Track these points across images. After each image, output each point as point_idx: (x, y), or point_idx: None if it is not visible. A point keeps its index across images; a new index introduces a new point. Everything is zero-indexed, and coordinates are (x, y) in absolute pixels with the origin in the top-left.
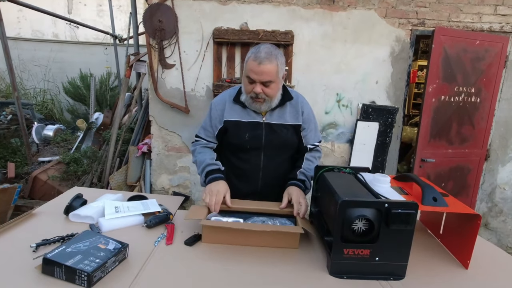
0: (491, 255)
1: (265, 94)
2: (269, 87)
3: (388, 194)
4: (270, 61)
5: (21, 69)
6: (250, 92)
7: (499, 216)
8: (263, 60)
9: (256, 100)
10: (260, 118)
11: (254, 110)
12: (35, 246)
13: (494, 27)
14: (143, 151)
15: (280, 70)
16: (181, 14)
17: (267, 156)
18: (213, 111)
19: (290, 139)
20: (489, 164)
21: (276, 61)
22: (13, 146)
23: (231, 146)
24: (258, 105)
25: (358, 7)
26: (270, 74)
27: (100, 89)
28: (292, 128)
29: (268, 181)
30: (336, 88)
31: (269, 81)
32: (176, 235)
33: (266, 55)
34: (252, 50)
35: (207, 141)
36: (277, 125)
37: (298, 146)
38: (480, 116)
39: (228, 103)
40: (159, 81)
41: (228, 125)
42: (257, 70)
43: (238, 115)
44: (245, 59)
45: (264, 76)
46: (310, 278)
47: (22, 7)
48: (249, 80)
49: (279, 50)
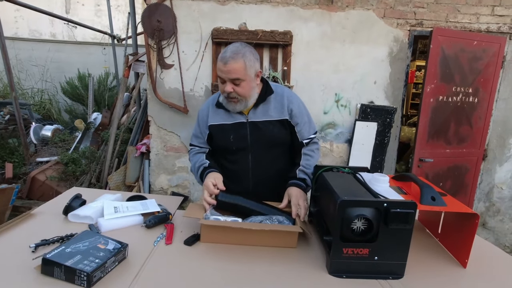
0: (489, 254)
1: (237, 93)
2: (239, 85)
3: (387, 194)
4: (235, 59)
5: (18, 69)
6: (223, 92)
7: (497, 216)
8: (228, 59)
9: (229, 99)
10: (243, 118)
11: (231, 110)
12: (34, 246)
13: (491, 27)
14: (141, 151)
15: (248, 67)
16: (179, 14)
17: (254, 155)
18: (199, 118)
19: (277, 135)
20: (487, 163)
21: (243, 59)
22: (11, 147)
23: (219, 149)
24: (232, 105)
25: (357, 7)
26: (237, 72)
27: (99, 89)
28: (278, 123)
29: (260, 180)
30: (334, 88)
31: (237, 79)
32: (176, 235)
33: (231, 54)
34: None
35: (200, 147)
36: (262, 122)
37: (289, 141)
38: (478, 116)
39: (212, 108)
40: (157, 81)
41: (213, 130)
42: (223, 69)
43: (221, 118)
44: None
45: (231, 74)
46: (309, 277)
47: (19, 7)
48: (221, 80)
49: (249, 47)
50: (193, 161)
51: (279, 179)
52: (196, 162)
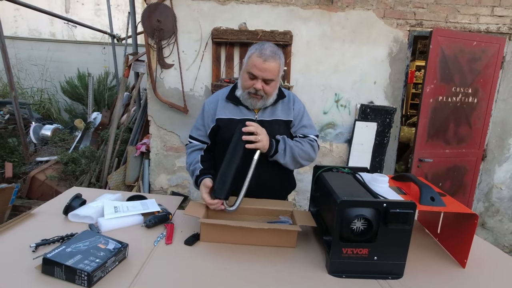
0: (488, 254)
1: (264, 91)
2: (269, 84)
3: (386, 194)
4: (274, 60)
5: (18, 69)
6: (249, 87)
7: (496, 216)
8: (269, 58)
9: (254, 96)
10: (252, 115)
11: (248, 106)
12: (35, 246)
13: (491, 28)
14: (141, 151)
15: (281, 69)
16: (179, 13)
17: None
18: (205, 110)
19: (281, 133)
20: (486, 164)
21: (280, 60)
22: (10, 146)
23: (224, 143)
24: (254, 101)
25: (357, 7)
26: (273, 72)
27: (98, 89)
28: (284, 123)
29: (262, 178)
30: (334, 88)
31: (271, 79)
32: (176, 235)
33: (271, 53)
34: (256, 46)
35: (199, 141)
36: (269, 121)
37: None
38: (477, 116)
39: (221, 101)
40: (157, 81)
41: (221, 123)
42: (261, 67)
43: (230, 112)
44: (248, 54)
45: (267, 74)
46: (309, 277)
47: (19, 6)
48: (250, 76)
49: (280, 50)
50: (189, 161)
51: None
52: (191, 165)
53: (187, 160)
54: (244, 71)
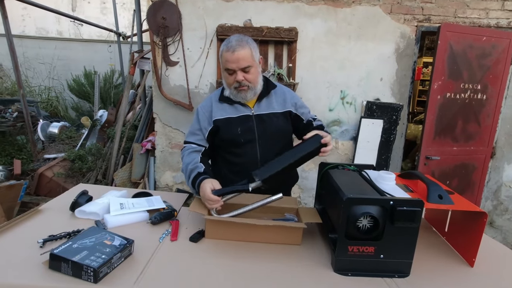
0: (497, 253)
1: (247, 80)
2: (249, 72)
3: (393, 192)
4: (242, 47)
5: (26, 67)
6: (232, 83)
7: (505, 214)
8: (236, 47)
9: (240, 89)
10: (249, 111)
11: (240, 101)
12: (42, 242)
13: (501, 23)
14: (147, 148)
15: (254, 53)
16: (184, 11)
17: (262, 146)
18: (200, 115)
19: (282, 126)
20: (495, 161)
21: (248, 45)
22: (19, 143)
23: (225, 143)
24: (243, 94)
25: (363, 3)
26: (246, 59)
27: (104, 87)
28: (282, 115)
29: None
30: (340, 85)
31: (248, 66)
32: (181, 232)
33: (237, 42)
34: (223, 43)
35: (196, 145)
36: (266, 114)
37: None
38: (486, 113)
39: (215, 104)
40: (162, 78)
41: (219, 123)
42: (232, 59)
43: (226, 112)
44: (219, 54)
45: (241, 62)
46: (314, 275)
47: (26, 5)
48: (229, 72)
49: (248, 36)
50: (186, 162)
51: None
52: (189, 164)
53: (184, 160)
54: (222, 70)
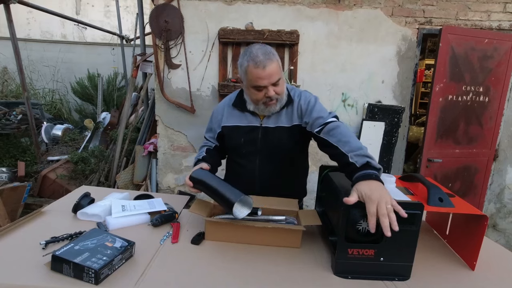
0: (499, 256)
1: (277, 93)
2: (278, 85)
3: (393, 194)
4: (271, 60)
5: (30, 70)
6: (261, 98)
7: (508, 217)
8: (266, 62)
9: (270, 103)
10: (258, 122)
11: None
12: (45, 243)
13: (503, 25)
14: (149, 151)
15: (280, 65)
16: (186, 14)
17: (262, 160)
18: (213, 116)
19: (285, 142)
20: (498, 164)
21: (275, 57)
22: (23, 145)
23: (229, 150)
24: (273, 107)
25: (364, 6)
26: (276, 72)
27: (107, 89)
28: (289, 130)
29: (266, 186)
30: (341, 88)
31: (278, 79)
32: (182, 234)
33: (265, 56)
34: (245, 58)
35: (210, 141)
36: (274, 128)
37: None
38: (489, 115)
39: (227, 108)
40: (165, 81)
41: (226, 130)
42: (264, 75)
43: (235, 120)
44: (242, 69)
45: (273, 77)
46: (314, 278)
47: (31, 9)
48: (259, 89)
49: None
50: (196, 156)
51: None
52: (197, 157)
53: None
54: (247, 87)
